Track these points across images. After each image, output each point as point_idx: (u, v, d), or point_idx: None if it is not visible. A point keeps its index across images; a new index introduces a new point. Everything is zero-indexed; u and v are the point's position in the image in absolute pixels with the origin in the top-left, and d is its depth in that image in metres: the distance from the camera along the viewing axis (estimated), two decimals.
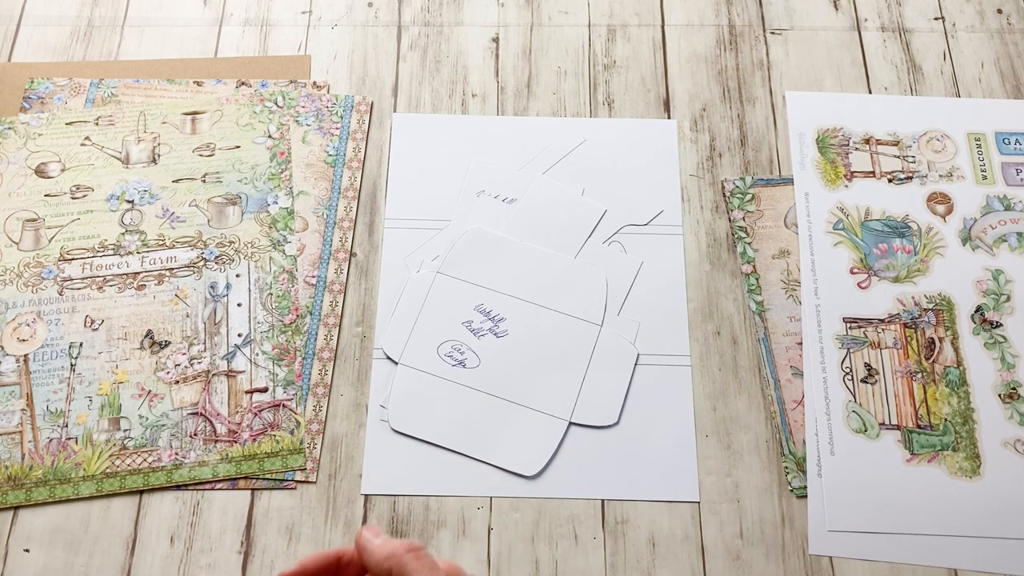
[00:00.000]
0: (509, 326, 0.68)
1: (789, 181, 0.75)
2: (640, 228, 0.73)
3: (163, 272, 0.70)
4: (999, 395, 0.66)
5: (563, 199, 0.74)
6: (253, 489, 0.64)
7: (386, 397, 0.66)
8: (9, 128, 0.76)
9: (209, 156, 0.75)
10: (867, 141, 0.76)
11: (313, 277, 0.70)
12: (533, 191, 0.74)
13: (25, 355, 0.67)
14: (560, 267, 0.71)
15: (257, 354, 0.67)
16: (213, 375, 0.67)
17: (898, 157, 0.76)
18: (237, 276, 0.70)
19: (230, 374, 0.67)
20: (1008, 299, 0.70)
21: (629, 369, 0.67)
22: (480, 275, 0.70)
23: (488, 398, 0.66)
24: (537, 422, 0.65)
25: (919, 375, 0.67)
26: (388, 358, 0.68)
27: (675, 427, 0.66)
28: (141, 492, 0.63)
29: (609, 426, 0.66)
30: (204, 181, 0.74)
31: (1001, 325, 0.69)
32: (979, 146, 0.76)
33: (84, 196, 0.73)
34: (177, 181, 0.74)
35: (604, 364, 0.67)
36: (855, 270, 0.71)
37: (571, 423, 0.65)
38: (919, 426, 0.65)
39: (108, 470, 0.63)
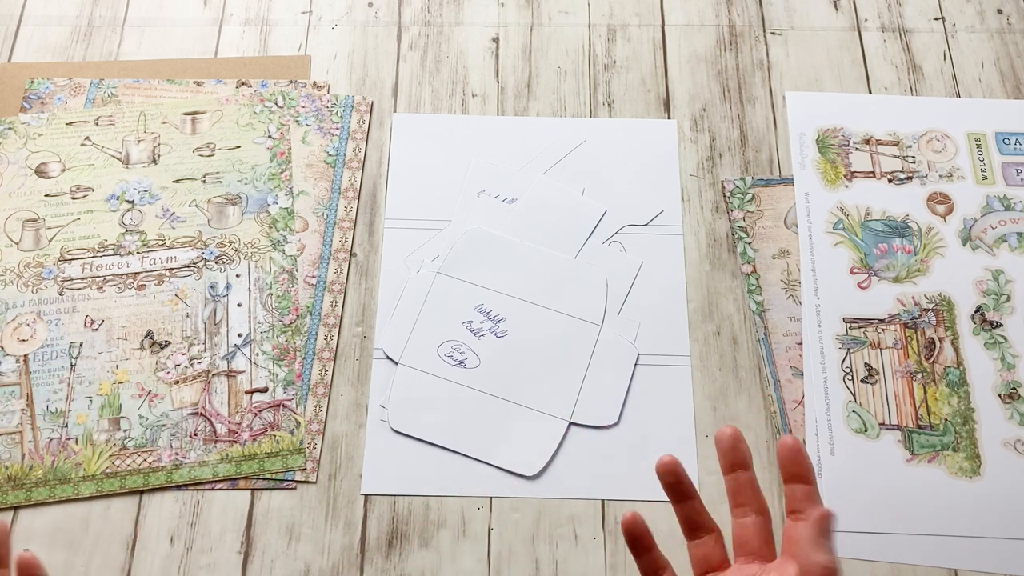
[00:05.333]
0: (509, 326, 0.68)
1: (789, 181, 0.75)
2: (640, 228, 0.73)
3: (163, 272, 0.70)
4: (999, 395, 0.66)
5: (563, 199, 0.74)
6: (253, 489, 0.64)
7: (386, 397, 0.66)
8: (9, 128, 0.76)
9: (209, 156, 0.75)
10: (867, 141, 0.76)
11: (313, 277, 0.70)
12: (533, 191, 0.74)
13: (25, 355, 0.67)
14: (560, 267, 0.71)
15: (257, 354, 0.67)
16: (213, 375, 0.67)
17: (898, 157, 0.76)
18: (237, 276, 0.70)
19: (230, 374, 0.67)
20: (1008, 299, 0.70)
21: (629, 369, 0.67)
22: (480, 275, 0.70)
23: (488, 398, 0.66)
24: (537, 422, 0.65)
25: (919, 375, 0.67)
26: (388, 358, 0.68)
27: (675, 427, 0.66)
28: (141, 492, 0.63)
29: (609, 426, 0.66)
30: (204, 181, 0.74)
31: (1001, 325, 0.69)
32: (979, 146, 0.76)
33: (84, 196, 0.73)
34: (177, 181, 0.74)
35: (604, 364, 0.67)
36: (855, 270, 0.71)
37: (571, 423, 0.66)
38: (919, 426, 0.65)
39: (108, 470, 0.63)
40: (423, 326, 0.68)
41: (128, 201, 0.73)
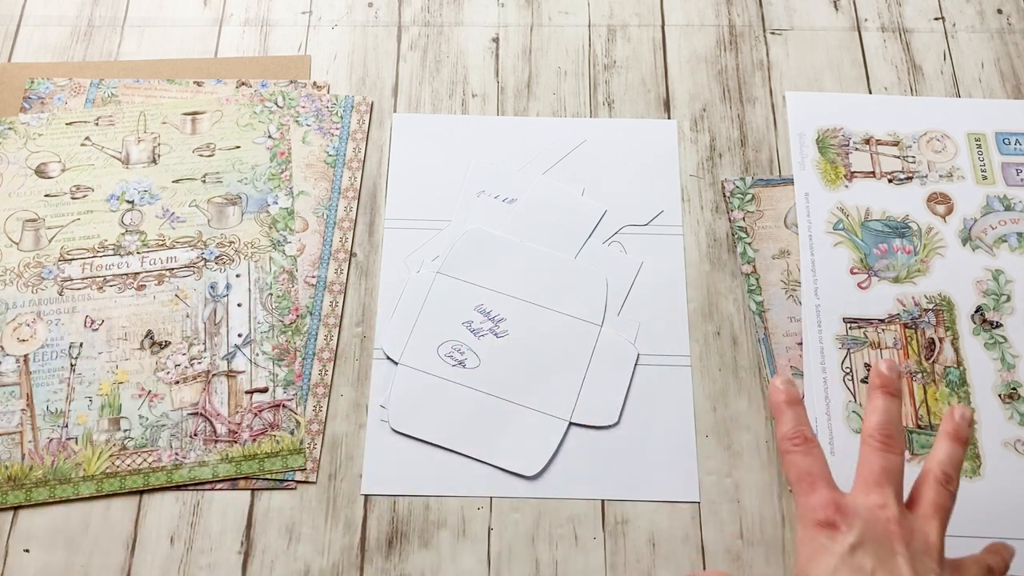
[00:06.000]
0: (509, 326, 0.68)
1: (789, 181, 0.75)
2: (640, 228, 0.73)
3: (163, 272, 0.70)
4: (999, 395, 0.66)
5: (563, 199, 0.74)
6: (253, 489, 0.64)
7: (386, 397, 0.66)
8: (9, 128, 0.76)
9: (209, 156, 0.75)
10: (867, 141, 0.76)
11: (313, 277, 0.70)
12: (533, 191, 0.74)
13: (25, 355, 0.67)
14: (560, 267, 0.71)
15: (257, 354, 0.67)
16: (213, 375, 0.67)
17: (898, 157, 0.76)
18: (237, 276, 0.70)
19: (230, 374, 0.67)
20: (1008, 299, 0.70)
21: (629, 369, 0.67)
22: (480, 275, 0.70)
23: (488, 398, 0.66)
24: (537, 422, 0.65)
25: (919, 375, 0.67)
26: (388, 358, 0.68)
27: (675, 427, 0.66)
28: (141, 492, 0.63)
29: (609, 426, 0.66)
30: (204, 181, 0.74)
31: (1001, 325, 0.69)
32: (979, 146, 0.76)
33: (84, 196, 0.73)
34: (177, 181, 0.74)
35: (604, 364, 0.67)
36: (855, 270, 0.71)
37: (571, 423, 0.66)
38: (919, 426, 0.65)
39: (108, 470, 0.63)
40: (423, 326, 0.68)
41: (128, 201, 0.73)
